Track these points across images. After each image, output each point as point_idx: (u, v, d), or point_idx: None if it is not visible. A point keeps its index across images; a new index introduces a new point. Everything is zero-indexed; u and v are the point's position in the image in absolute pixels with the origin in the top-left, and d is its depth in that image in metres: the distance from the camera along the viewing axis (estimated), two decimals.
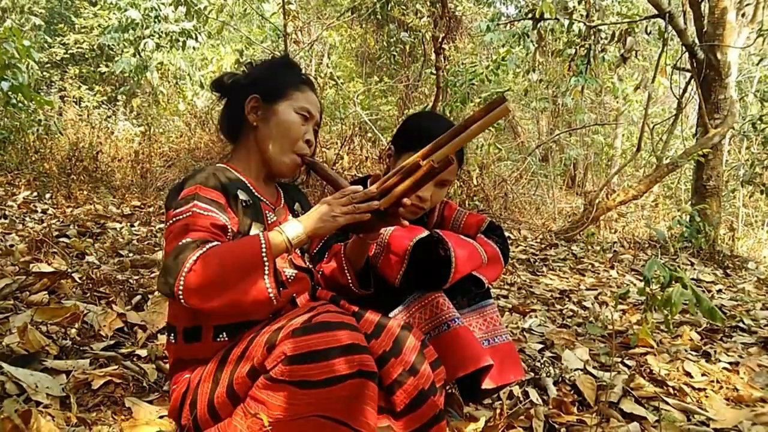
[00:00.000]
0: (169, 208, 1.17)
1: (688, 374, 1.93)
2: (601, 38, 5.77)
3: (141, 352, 1.64)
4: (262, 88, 1.29)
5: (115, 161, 5.54)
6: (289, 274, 1.25)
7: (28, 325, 1.56)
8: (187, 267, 1.00)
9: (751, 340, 2.37)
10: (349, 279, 1.30)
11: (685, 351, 2.16)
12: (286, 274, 1.24)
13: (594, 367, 1.92)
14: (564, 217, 7.08)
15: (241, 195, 1.22)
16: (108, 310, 1.86)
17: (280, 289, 1.08)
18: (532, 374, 1.81)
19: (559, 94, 8.80)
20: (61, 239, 2.75)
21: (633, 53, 5.43)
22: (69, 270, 2.19)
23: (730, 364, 2.06)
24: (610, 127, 10.18)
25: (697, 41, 5.05)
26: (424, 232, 1.33)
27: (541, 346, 2.11)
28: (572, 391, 1.73)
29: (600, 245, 4.70)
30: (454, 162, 1.02)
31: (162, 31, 7.83)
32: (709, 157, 4.98)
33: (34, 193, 3.98)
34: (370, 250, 1.34)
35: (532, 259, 4.02)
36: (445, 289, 1.33)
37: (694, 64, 5.08)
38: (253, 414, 1.00)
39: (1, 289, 1.90)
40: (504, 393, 1.61)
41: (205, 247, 1.03)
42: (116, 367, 1.49)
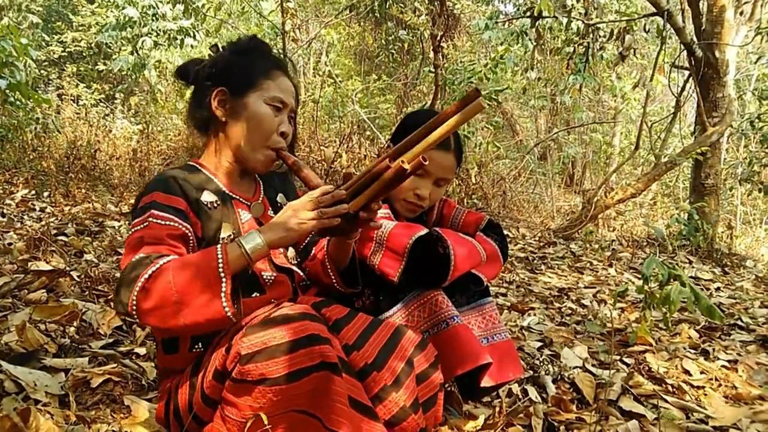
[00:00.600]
0: (132, 217, 1.11)
1: (687, 372, 1.94)
2: (600, 36, 5.77)
3: (140, 351, 1.64)
4: (229, 79, 1.19)
5: (114, 159, 5.52)
6: (268, 277, 1.19)
7: (27, 323, 1.56)
8: (138, 286, 0.94)
9: (750, 338, 2.37)
10: (333, 278, 1.26)
11: (684, 349, 2.17)
12: (264, 277, 1.19)
13: (593, 365, 1.92)
14: (562, 216, 7.09)
15: (206, 197, 1.15)
16: (107, 309, 1.86)
17: (238, 306, 1.01)
18: (531, 372, 1.81)
19: (558, 93, 8.80)
20: (60, 237, 2.75)
21: (631, 51, 5.42)
22: (67, 268, 2.19)
23: (729, 362, 2.06)
24: (609, 126, 10.18)
25: (695, 39, 5.05)
26: (424, 230, 1.33)
27: (540, 344, 2.11)
28: (571, 389, 1.73)
29: (598, 243, 4.70)
30: (427, 162, 0.96)
31: (160, 29, 7.80)
32: (708, 156, 4.98)
33: (32, 192, 3.97)
34: (368, 248, 1.33)
35: (530, 257, 4.02)
36: (444, 287, 1.33)
37: (693, 63, 5.08)
38: (228, 416, 0.98)
39: (0, 287, 1.90)
40: (503, 391, 1.61)
41: (159, 263, 0.96)
42: (115, 366, 1.48)
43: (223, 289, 0.96)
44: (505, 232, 2.26)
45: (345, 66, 10.32)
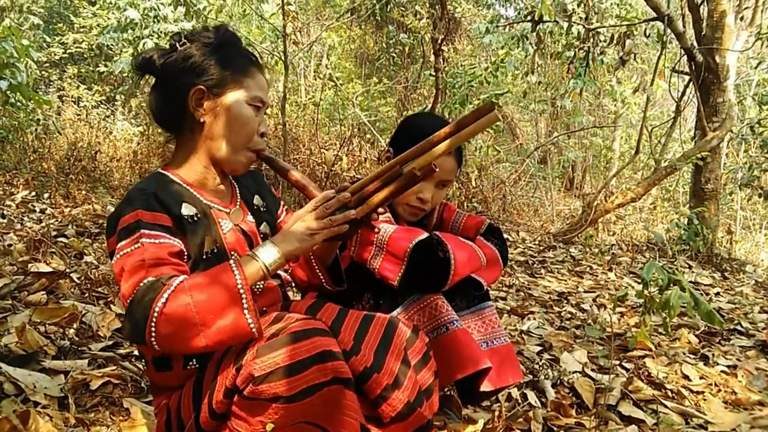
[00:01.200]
0: (111, 237, 1.03)
1: (687, 377, 1.94)
2: (600, 41, 5.79)
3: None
4: (206, 76, 1.10)
5: (114, 161, 5.52)
6: (258, 286, 1.17)
7: (27, 325, 1.56)
8: (156, 311, 0.90)
9: (749, 344, 2.37)
10: (323, 279, 1.25)
11: (684, 354, 2.17)
12: (256, 285, 1.15)
13: (592, 370, 1.92)
14: (562, 220, 7.09)
15: (186, 210, 1.09)
16: (106, 311, 1.86)
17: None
18: (531, 376, 1.81)
19: (558, 97, 8.81)
20: (60, 239, 2.75)
21: (632, 56, 5.43)
22: (67, 270, 2.19)
23: (728, 367, 2.06)
24: (609, 130, 10.20)
25: (695, 44, 5.06)
26: (424, 234, 1.33)
27: (540, 349, 2.11)
28: (570, 394, 1.73)
29: (598, 248, 4.70)
30: (437, 170, 0.98)
31: (161, 31, 7.82)
32: (708, 160, 4.99)
33: (33, 193, 3.97)
34: (368, 252, 1.33)
35: (530, 261, 4.02)
36: (444, 291, 1.33)
37: (693, 67, 5.09)
38: (237, 429, 0.97)
39: (0, 288, 1.90)
40: (502, 395, 1.61)
41: (173, 285, 0.93)
42: (114, 368, 1.49)
43: (246, 306, 0.94)
44: (505, 236, 2.26)
45: (346, 69, 10.34)
